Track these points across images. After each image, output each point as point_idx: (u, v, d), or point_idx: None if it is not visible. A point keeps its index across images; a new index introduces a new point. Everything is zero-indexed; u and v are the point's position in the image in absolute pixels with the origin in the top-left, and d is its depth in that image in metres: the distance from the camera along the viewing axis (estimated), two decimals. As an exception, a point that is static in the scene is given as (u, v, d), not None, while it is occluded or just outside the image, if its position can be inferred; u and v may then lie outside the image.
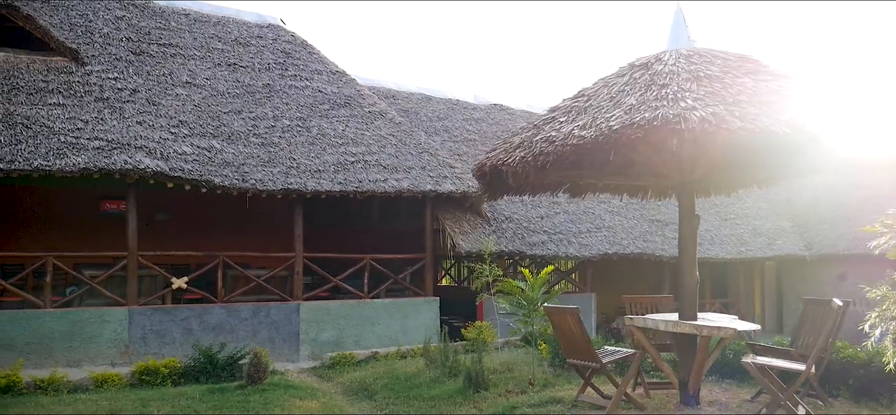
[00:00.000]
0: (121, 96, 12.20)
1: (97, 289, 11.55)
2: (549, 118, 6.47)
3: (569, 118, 6.13)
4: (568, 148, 5.75)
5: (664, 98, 5.48)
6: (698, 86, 5.65)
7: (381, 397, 8.89)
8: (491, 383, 8.61)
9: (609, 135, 5.46)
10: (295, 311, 12.93)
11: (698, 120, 5.10)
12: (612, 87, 6.27)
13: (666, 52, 6.47)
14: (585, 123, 5.75)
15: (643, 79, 6.05)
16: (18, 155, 10.28)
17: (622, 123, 5.37)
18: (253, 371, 8.85)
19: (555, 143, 5.83)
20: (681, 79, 5.77)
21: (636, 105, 5.59)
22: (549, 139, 5.92)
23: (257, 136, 12.92)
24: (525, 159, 6.09)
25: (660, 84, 5.77)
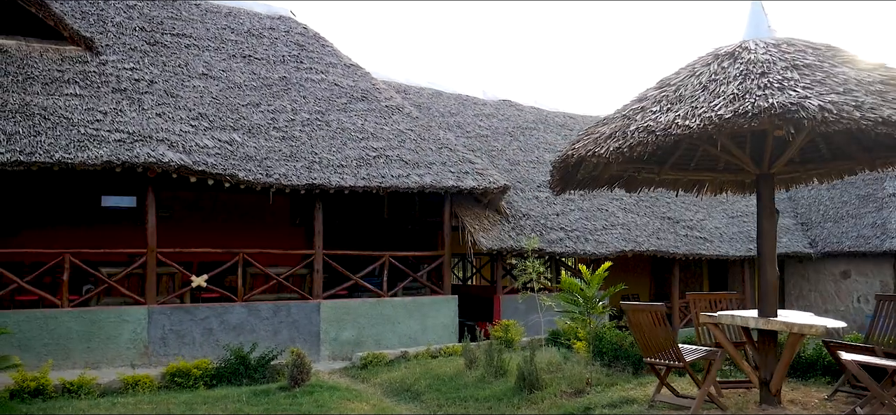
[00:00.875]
0: (138, 87, 11.75)
1: (116, 287, 11.09)
2: (637, 108, 6.24)
3: (662, 108, 5.91)
4: (670, 138, 5.54)
5: (769, 87, 5.29)
6: (800, 75, 5.47)
7: (428, 399, 8.62)
8: (544, 384, 8.37)
9: (719, 124, 5.25)
10: (315, 310, 12.58)
11: (817, 109, 4.92)
12: (700, 76, 6.06)
13: (750, 40, 6.29)
14: (686, 113, 5.53)
15: (735, 68, 5.85)
16: (38, 147, 9.80)
17: (734, 112, 5.17)
18: (296, 373, 8.51)
19: (654, 132, 5.60)
20: (779, 67, 5.58)
21: (739, 94, 5.39)
22: (648, 129, 5.69)
23: (277, 129, 12.55)
24: (620, 150, 5.85)
25: (758, 72, 5.57)
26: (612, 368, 9.28)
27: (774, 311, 6.55)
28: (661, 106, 5.89)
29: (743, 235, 19.02)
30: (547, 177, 16.90)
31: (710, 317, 6.60)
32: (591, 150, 6.21)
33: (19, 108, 10.30)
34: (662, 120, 5.61)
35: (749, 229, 19.47)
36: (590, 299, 8.18)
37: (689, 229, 17.84)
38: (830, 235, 19.95)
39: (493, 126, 17.91)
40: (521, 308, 15.26)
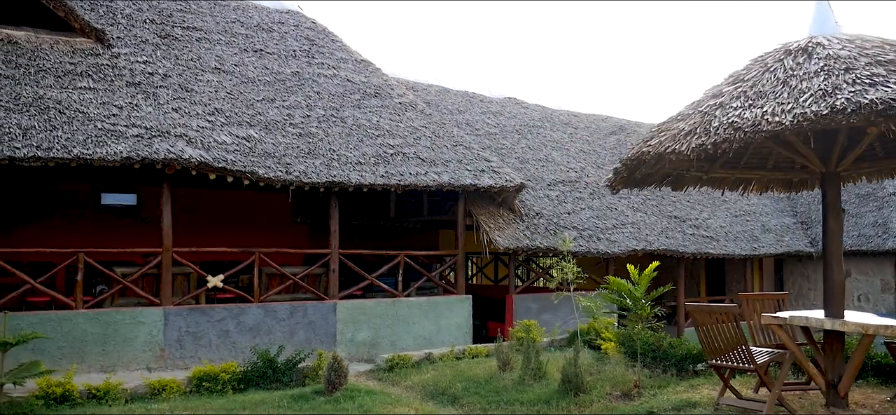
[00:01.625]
0: (152, 81, 11.38)
1: (131, 288, 10.72)
2: (714, 104, 6.08)
3: (743, 103, 5.75)
4: (759, 134, 5.37)
5: (859, 82, 5.16)
6: (887, 71, 5.34)
7: (468, 402, 8.40)
8: (588, 386, 8.19)
9: (814, 120, 5.10)
10: (331, 310, 12.29)
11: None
12: (774, 71, 5.92)
13: (819, 36, 6.16)
14: (773, 109, 5.38)
15: (813, 63, 5.72)
16: (55, 142, 9.42)
17: (830, 108, 5.02)
18: (333, 377, 8.24)
19: (741, 128, 5.44)
20: (862, 63, 5.46)
21: (828, 89, 5.25)
22: (733, 125, 5.52)
23: (294, 126, 12.24)
24: (703, 146, 5.68)
25: (841, 68, 5.45)
26: (651, 369, 9.13)
27: (841, 311, 6.44)
28: (742, 102, 5.74)
29: (746, 234, 19.04)
30: (556, 175, 16.94)
31: (774, 318, 6.47)
32: (669, 147, 6.04)
33: (33, 101, 9.90)
34: (748, 116, 5.46)
35: (752, 228, 19.53)
36: (638, 299, 8.01)
37: (696, 228, 17.81)
38: (831, 234, 20.06)
39: (500, 123, 17.73)
40: (533, 308, 15.13)
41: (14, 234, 12.56)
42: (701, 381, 8.03)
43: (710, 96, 6.25)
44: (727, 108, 5.79)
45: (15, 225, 12.92)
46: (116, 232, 14.08)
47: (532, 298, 15.24)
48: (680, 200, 18.53)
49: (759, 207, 20.82)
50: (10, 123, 9.34)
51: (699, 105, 6.28)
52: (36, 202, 13.34)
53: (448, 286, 14.25)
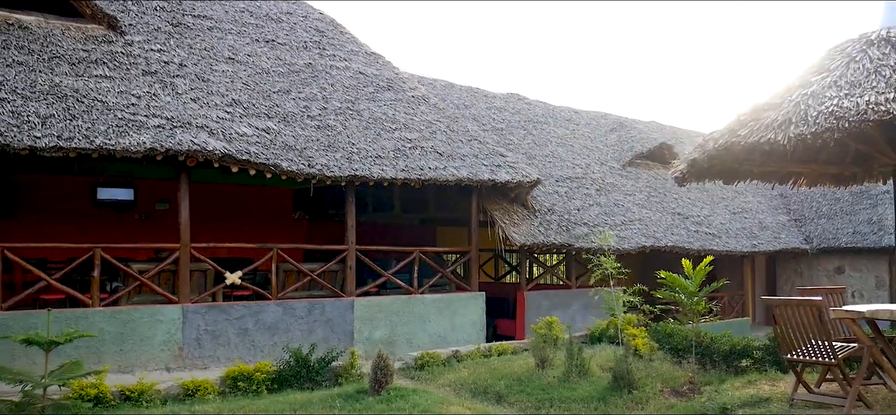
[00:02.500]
0: (168, 70, 10.96)
1: (148, 285, 10.30)
2: (805, 93, 5.96)
3: (838, 93, 5.64)
4: (866, 123, 5.27)
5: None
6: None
7: (516, 401, 8.22)
8: (640, 383, 8.06)
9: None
10: (349, 308, 11.99)
11: None
12: (860, 62, 5.83)
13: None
14: (874, 99, 5.27)
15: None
16: (76, 132, 8.98)
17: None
18: (381, 376, 7.97)
19: (844, 118, 5.33)
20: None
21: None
22: (834, 114, 5.41)
23: (311, 118, 11.91)
24: (802, 136, 5.56)
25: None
26: (695, 365, 9.04)
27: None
28: (836, 91, 5.63)
29: (745, 231, 19.18)
30: (563, 171, 16.81)
31: (848, 312, 6.38)
32: (765, 136, 5.90)
33: (49, 89, 9.43)
34: (848, 104, 5.36)
35: (750, 225, 19.68)
36: (693, 294, 7.89)
37: (698, 225, 17.86)
38: (825, 232, 20.30)
39: (505, 119, 17.56)
40: (544, 305, 14.96)
41: (12, 229, 12.00)
42: (754, 376, 7.95)
43: (798, 86, 6.14)
44: (821, 97, 5.69)
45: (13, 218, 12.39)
46: (114, 228, 13.59)
47: (542, 295, 15.09)
48: (681, 196, 18.58)
49: (755, 205, 21.01)
50: (27, 111, 8.88)
51: (788, 94, 6.17)
52: (23, 195, 12.78)
53: (461, 283, 14.02)
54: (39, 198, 12.87)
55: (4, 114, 8.65)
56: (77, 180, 13.62)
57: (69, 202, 13.42)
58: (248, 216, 14.59)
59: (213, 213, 14.01)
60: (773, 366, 8.22)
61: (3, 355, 8.99)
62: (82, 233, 12.15)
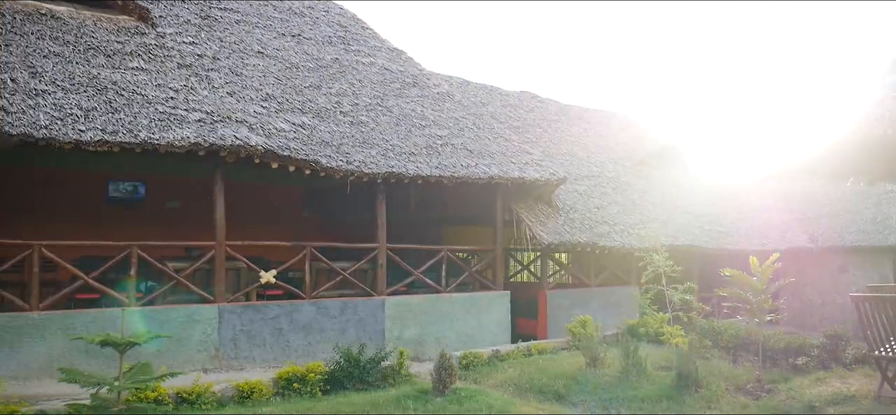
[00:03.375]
0: (202, 64, 10.69)
1: (185, 284, 10.01)
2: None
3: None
4: None
5: None
6: None
7: (579, 400, 8.12)
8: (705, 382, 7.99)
9: None
10: (380, 307, 11.79)
11: None
12: None
13: None
14: None
15: None
16: (119, 126, 8.68)
17: None
18: (445, 377, 7.81)
19: None
20: None
21: None
22: None
23: (344, 114, 11.70)
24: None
25: None
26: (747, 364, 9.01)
27: None
28: None
29: (753, 230, 19.26)
30: (580, 169, 16.75)
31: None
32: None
33: (88, 81, 9.11)
34: None
35: (758, 224, 19.77)
36: (760, 291, 7.84)
37: (711, 224, 17.93)
38: (829, 230, 20.45)
39: (521, 117, 17.47)
40: (564, 304, 14.89)
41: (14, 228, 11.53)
42: (821, 374, 7.93)
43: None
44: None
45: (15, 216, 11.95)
46: (125, 225, 13.20)
47: (563, 294, 15.02)
48: (692, 195, 18.65)
49: (759, 203, 21.12)
50: (68, 103, 8.56)
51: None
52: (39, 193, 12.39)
53: (485, 282, 13.88)
54: (49, 193, 12.47)
55: (46, 106, 8.32)
56: (90, 175, 13.25)
57: (80, 198, 13.04)
58: (258, 214, 14.32)
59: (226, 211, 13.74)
60: (834, 364, 8.21)
61: (46, 356, 8.69)
62: (93, 230, 11.74)
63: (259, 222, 13.74)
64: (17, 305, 8.70)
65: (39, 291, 8.86)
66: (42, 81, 8.64)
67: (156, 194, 14.20)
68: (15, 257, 9.24)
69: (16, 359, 8.50)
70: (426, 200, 16.18)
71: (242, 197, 14.21)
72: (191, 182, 14.12)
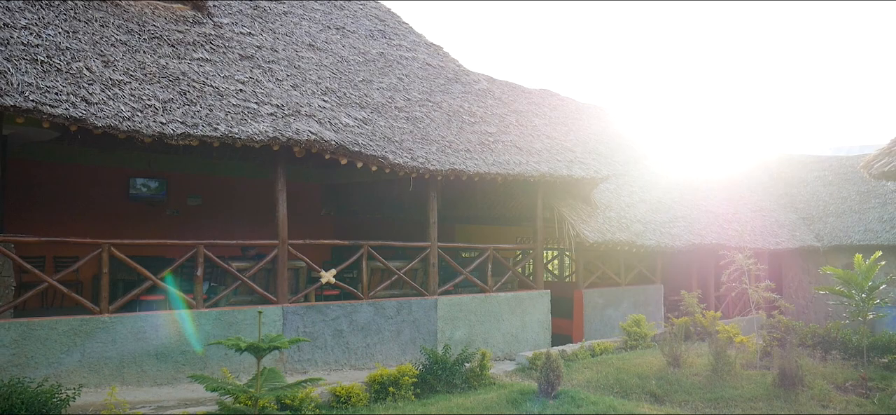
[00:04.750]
0: (262, 55, 10.30)
1: (250, 285, 9.62)
2: None
3: None
4: None
5: None
6: None
7: (683, 401, 8.01)
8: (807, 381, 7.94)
9: None
10: (433, 307, 11.54)
11: None
12: None
13: None
14: None
15: None
16: (198, 118, 8.26)
17: None
18: (553, 378, 7.60)
19: None
20: None
21: None
22: None
23: (398, 109, 11.41)
24: None
25: None
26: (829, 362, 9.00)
27: None
28: None
29: (766, 230, 19.49)
30: (608, 168, 16.68)
31: None
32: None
33: (159, 71, 8.66)
34: None
35: (770, 224, 20.03)
36: (863, 290, 7.83)
37: (729, 223, 18.05)
38: (835, 230, 20.82)
39: (546, 115, 17.35)
40: (599, 303, 14.84)
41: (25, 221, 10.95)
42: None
43: None
44: None
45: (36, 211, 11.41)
46: (149, 224, 12.76)
47: (597, 293, 14.93)
48: (708, 194, 18.76)
49: (768, 203, 21.42)
50: (143, 94, 8.11)
51: None
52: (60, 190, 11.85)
53: (525, 281, 13.71)
54: (69, 189, 11.93)
55: (124, 96, 7.87)
56: (111, 172, 12.75)
57: (102, 194, 12.54)
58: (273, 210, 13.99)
59: (246, 209, 13.44)
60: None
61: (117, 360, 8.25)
62: (114, 229, 11.22)
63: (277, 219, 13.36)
64: (87, 307, 8.21)
65: (108, 291, 8.38)
66: (116, 71, 8.18)
67: (176, 192, 13.76)
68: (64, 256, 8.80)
69: (87, 364, 8.02)
70: (445, 199, 15.95)
71: (264, 194, 13.89)
72: (211, 179, 13.77)
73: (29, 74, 7.22)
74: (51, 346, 7.79)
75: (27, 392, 5.83)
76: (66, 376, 7.79)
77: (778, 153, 25.83)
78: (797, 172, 23.69)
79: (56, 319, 7.92)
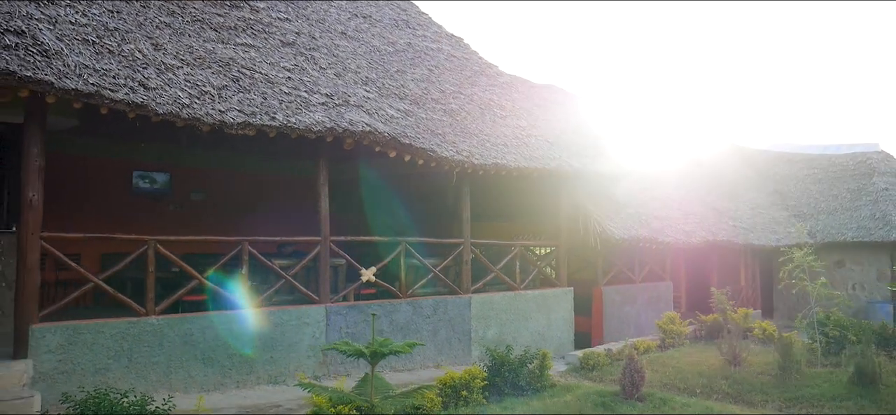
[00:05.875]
0: (303, 43, 9.81)
1: (294, 284, 9.13)
2: None
3: None
4: None
5: None
6: None
7: (760, 401, 7.82)
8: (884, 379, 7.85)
9: None
10: (467, 306, 11.21)
11: None
12: None
13: None
14: None
15: None
16: (255, 107, 7.75)
17: None
18: (638, 379, 7.34)
19: None
20: None
21: None
22: None
23: (434, 101, 11.03)
24: None
25: None
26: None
27: None
28: None
29: (765, 227, 19.62)
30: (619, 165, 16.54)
31: None
32: None
33: (207, 56, 8.11)
34: None
35: (767, 220, 20.17)
36: None
37: (733, 220, 18.13)
38: (827, 227, 21.06)
39: (553, 109, 17.06)
40: (616, 300, 14.67)
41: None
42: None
43: None
44: None
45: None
46: (153, 219, 12.17)
47: (614, 291, 14.76)
48: (710, 191, 18.81)
49: (760, 200, 21.60)
50: (197, 79, 7.56)
51: None
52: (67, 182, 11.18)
53: (548, 279, 13.45)
54: (71, 182, 11.24)
55: (179, 81, 7.32)
56: (113, 164, 12.10)
57: (104, 188, 11.88)
58: (280, 207, 13.52)
59: (247, 202, 12.98)
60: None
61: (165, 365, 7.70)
62: (116, 223, 10.64)
63: (281, 215, 12.85)
64: (134, 309, 7.62)
65: (154, 292, 7.79)
66: (166, 54, 7.60)
67: (180, 186, 13.18)
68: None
69: (135, 369, 7.45)
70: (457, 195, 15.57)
71: (262, 189, 13.43)
72: (214, 173, 13.21)
73: (84, 55, 6.63)
74: (97, 351, 7.21)
75: (118, 407, 5.28)
76: (113, 384, 7.21)
77: (760, 148, 26.02)
78: (786, 170, 23.96)
79: (103, 321, 7.32)
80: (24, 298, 6.81)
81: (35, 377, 6.80)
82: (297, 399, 7.75)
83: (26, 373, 6.72)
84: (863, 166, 22.32)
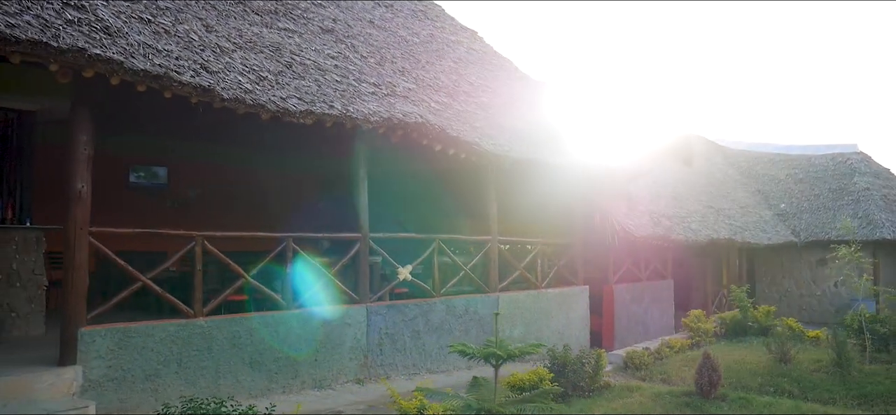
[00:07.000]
0: (341, 30, 9.37)
1: (336, 282, 8.68)
2: None
3: None
4: None
5: None
6: None
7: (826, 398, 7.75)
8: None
9: None
10: (495, 304, 10.91)
11: None
12: None
13: None
14: None
15: None
16: (312, 94, 7.31)
17: None
18: (715, 379, 7.16)
19: None
20: None
21: None
22: None
23: (464, 93, 10.70)
24: None
25: None
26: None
27: None
28: None
29: (755, 225, 19.81)
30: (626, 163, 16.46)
31: None
32: None
33: (257, 41, 7.61)
34: None
35: (755, 220, 20.36)
36: None
37: (728, 218, 18.25)
38: (810, 226, 21.41)
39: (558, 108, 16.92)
40: (626, 298, 14.56)
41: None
42: None
43: None
44: None
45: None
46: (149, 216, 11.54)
47: (624, 289, 14.64)
48: (704, 191, 18.92)
49: (747, 200, 21.85)
50: (253, 64, 7.08)
51: None
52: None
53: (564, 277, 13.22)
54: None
55: (236, 65, 6.83)
56: (109, 158, 11.44)
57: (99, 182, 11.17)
58: (280, 203, 13.11)
59: (241, 199, 12.50)
60: None
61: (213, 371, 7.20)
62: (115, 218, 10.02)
63: (280, 212, 12.37)
64: (182, 311, 7.09)
65: (201, 293, 7.27)
66: (218, 36, 7.09)
67: (175, 181, 12.62)
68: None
69: (184, 375, 6.93)
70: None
71: (254, 186, 12.97)
72: (209, 167, 12.68)
73: (143, 35, 6.10)
74: (148, 355, 6.66)
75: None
76: (163, 391, 6.70)
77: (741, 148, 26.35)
78: (768, 170, 24.33)
79: (153, 324, 6.78)
80: (72, 298, 6.23)
81: (84, 385, 6.24)
82: (352, 403, 7.36)
83: (76, 380, 6.16)
84: (843, 167, 22.76)
